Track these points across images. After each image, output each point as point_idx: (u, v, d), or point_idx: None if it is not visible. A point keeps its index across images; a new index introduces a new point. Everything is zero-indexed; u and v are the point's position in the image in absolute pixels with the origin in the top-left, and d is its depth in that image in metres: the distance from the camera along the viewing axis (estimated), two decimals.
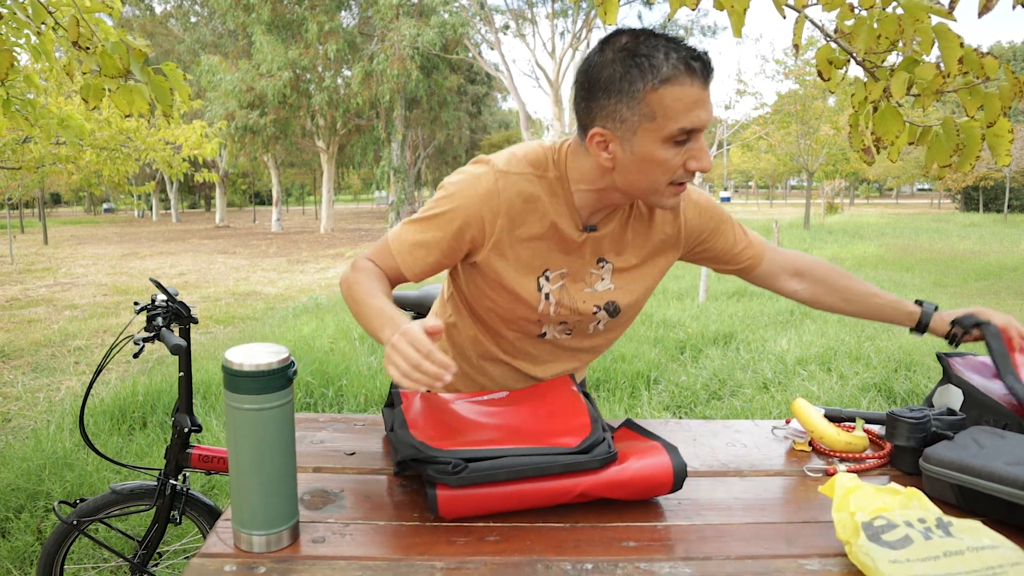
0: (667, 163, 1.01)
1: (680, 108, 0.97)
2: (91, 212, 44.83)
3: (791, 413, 1.22)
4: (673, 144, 1.00)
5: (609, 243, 1.19)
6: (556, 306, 1.19)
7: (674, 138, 0.99)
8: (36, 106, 2.99)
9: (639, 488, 0.92)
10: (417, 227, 1.13)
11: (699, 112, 0.98)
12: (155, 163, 6.36)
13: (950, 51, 1.21)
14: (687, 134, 0.99)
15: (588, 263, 1.19)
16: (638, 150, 1.01)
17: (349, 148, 24.03)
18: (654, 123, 0.98)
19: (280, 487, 0.82)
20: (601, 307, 1.22)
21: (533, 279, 1.17)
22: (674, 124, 0.98)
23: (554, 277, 1.18)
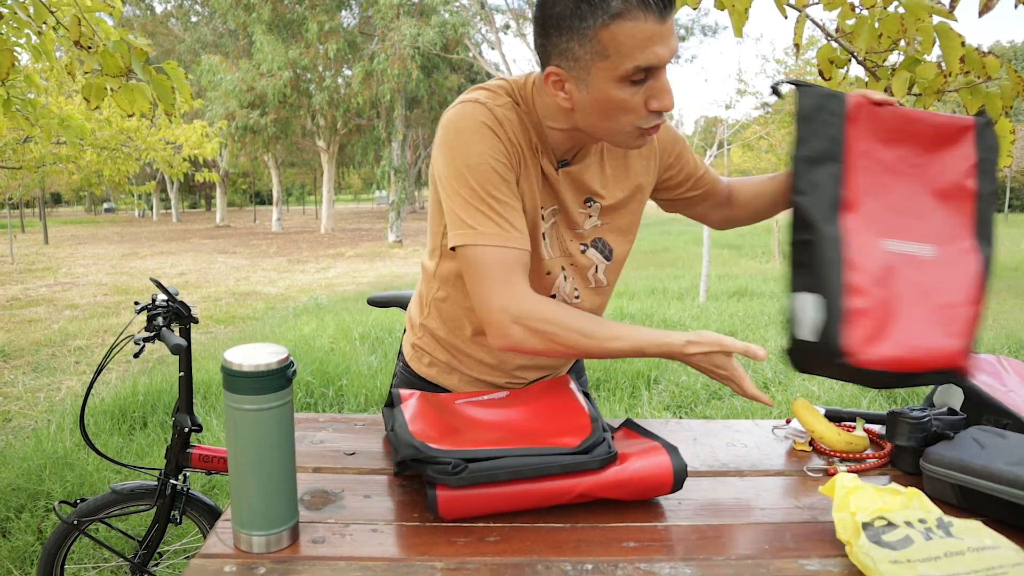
0: (625, 104, 0.94)
1: (633, 45, 0.90)
2: (91, 212, 44.85)
3: (791, 413, 1.22)
4: (630, 83, 0.93)
5: (589, 180, 1.13)
6: (551, 247, 1.14)
7: (629, 77, 0.92)
8: (37, 106, 2.99)
9: (639, 488, 0.92)
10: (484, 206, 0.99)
11: (655, 48, 0.90)
12: (155, 163, 6.37)
13: (951, 50, 1.21)
14: (644, 72, 0.92)
15: (575, 202, 1.13)
16: (594, 90, 0.95)
17: (349, 148, 24.03)
18: (607, 62, 0.92)
19: (280, 487, 0.82)
20: (589, 244, 1.17)
21: (535, 218, 1.10)
22: (628, 62, 0.91)
23: (548, 215, 1.12)
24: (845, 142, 1.01)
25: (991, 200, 1.01)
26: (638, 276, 9.29)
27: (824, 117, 1.02)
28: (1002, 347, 5.09)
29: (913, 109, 1.04)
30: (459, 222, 1.00)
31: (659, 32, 0.90)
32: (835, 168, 1.01)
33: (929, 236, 1.00)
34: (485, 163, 1.00)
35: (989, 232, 1.00)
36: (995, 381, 1.18)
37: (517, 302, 0.98)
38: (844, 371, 0.97)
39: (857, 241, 0.99)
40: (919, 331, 0.96)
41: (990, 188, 1.01)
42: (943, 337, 0.96)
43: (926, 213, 1.00)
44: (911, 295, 0.97)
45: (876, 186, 1.02)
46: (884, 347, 0.95)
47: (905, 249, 0.99)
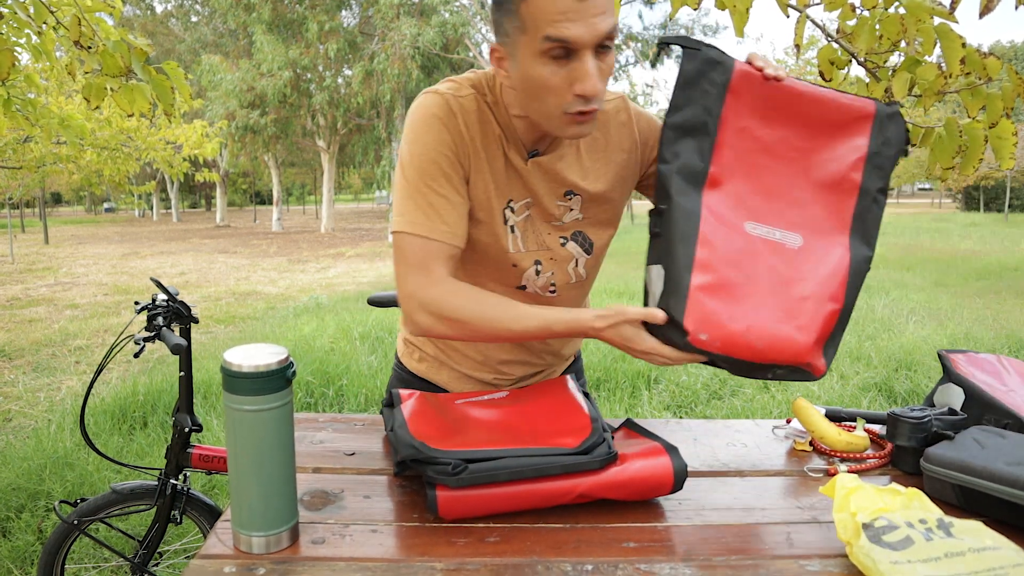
0: (547, 83, 0.93)
1: (545, 17, 0.89)
2: (92, 212, 44.86)
3: (792, 413, 1.22)
4: (550, 60, 0.92)
5: (565, 171, 1.11)
6: (523, 241, 1.13)
7: (547, 52, 0.91)
8: (37, 106, 2.99)
9: (639, 489, 0.91)
10: (418, 196, 1.02)
11: (568, 23, 0.88)
12: (156, 163, 6.37)
13: (952, 51, 1.21)
14: (562, 48, 0.90)
15: (552, 194, 1.12)
16: (520, 67, 0.95)
17: (350, 148, 24.02)
18: (526, 36, 0.92)
19: (279, 488, 0.82)
20: (569, 238, 1.15)
21: (500, 211, 1.10)
22: (540, 34, 0.90)
23: (519, 208, 1.12)
24: (721, 115, 0.95)
25: (877, 198, 0.93)
26: (638, 276, 9.29)
27: (704, 85, 0.96)
28: (1002, 347, 5.09)
29: (811, 87, 0.96)
30: (396, 209, 1.04)
31: (575, 8, 0.88)
32: (705, 141, 0.96)
33: (799, 225, 0.94)
34: (427, 155, 1.03)
35: (868, 232, 0.93)
36: (995, 381, 1.18)
37: (427, 290, 1.01)
38: (689, 350, 0.93)
39: (716, 219, 0.94)
40: (765, 319, 0.91)
41: (878, 185, 0.93)
42: (791, 329, 0.91)
43: (802, 201, 0.94)
44: (766, 282, 0.92)
45: (749, 165, 0.95)
46: (723, 330, 0.91)
47: (770, 235, 0.93)
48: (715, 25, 26.56)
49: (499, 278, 1.16)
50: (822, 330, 0.92)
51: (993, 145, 1.25)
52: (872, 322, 6.05)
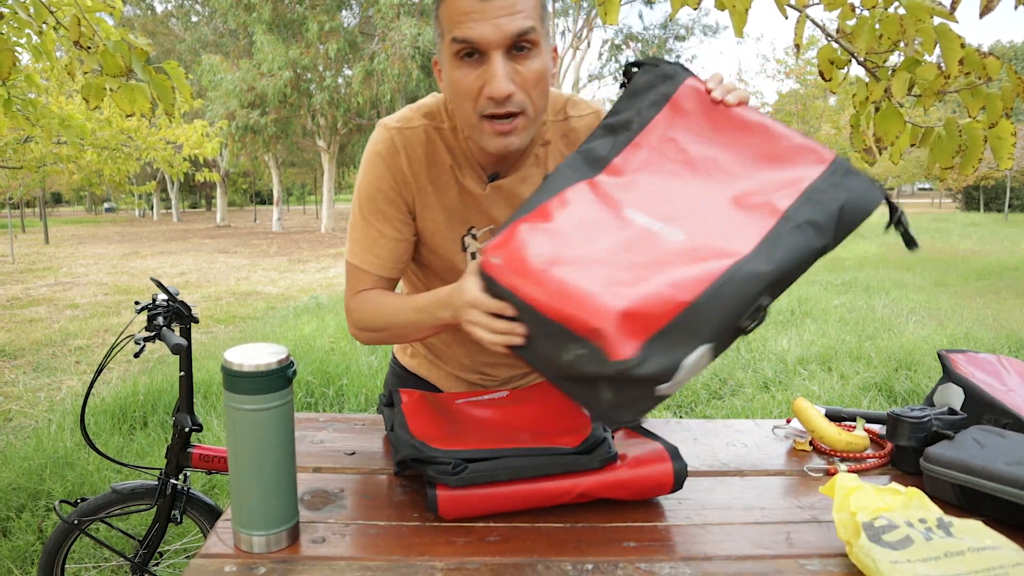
0: (460, 84, 0.94)
1: (452, 18, 0.91)
2: (92, 212, 44.86)
3: (792, 413, 1.22)
4: (461, 61, 0.93)
5: (527, 192, 1.09)
6: None
7: (457, 54, 0.92)
8: (37, 106, 2.99)
9: (639, 488, 0.92)
10: (360, 225, 1.09)
11: (471, 23, 0.89)
12: (156, 162, 6.37)
13: (951, 52, 1.21)
14: (469, 49, 0.91)
15: None
16: (445, 73, 0.97)
17: (350, 147, 24.02)
18: (443, 40, 0.94)
19: (280, 487, 0.82)
20: None
21: (457, 238, 1.12)
22: (448, 35, 0.92)
23: (482, 235, 1.12)
24: (652, 120, 0.91)
25: (803, 227, 0.78)
26: None
27: (648, 95, 0.92)
28: (1002, 347, 5.09)
29: (768, 121, 0.88)
30: (348, 237, 1.14)
31: (478, 8, 0.89)
32: (622, 136, 0.91)
33: (689, 230, 0.81)
34: (367, 191, 1.09)
35: (776, 255, 0.76)
36: (995, 380, 1.18)
37: (348, 305, 1.12)
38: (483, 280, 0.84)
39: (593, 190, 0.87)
40: (576, 274, 0.77)
41: (808, 216, 0.78)
42: (598, 287, 0.74)
43: (707, 214, 0.82)
44: (609, 253, 0.79)
45: (663, 171, 0.88)
46: (520, 261, 0.80)
47: (649, 224, 0.82)
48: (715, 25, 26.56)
49: None
50: (645, 310, 0.72)
51: (992, 145, 1.25)
52: (872, 322, 6.05)
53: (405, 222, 1.11)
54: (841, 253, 12.78)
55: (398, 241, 1.11)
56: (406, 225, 1.11)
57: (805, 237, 0.78)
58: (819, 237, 0.78)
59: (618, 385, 0.73)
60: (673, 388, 0.74)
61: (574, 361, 0.75)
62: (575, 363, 0.75)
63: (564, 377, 0.78)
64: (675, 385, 0.73)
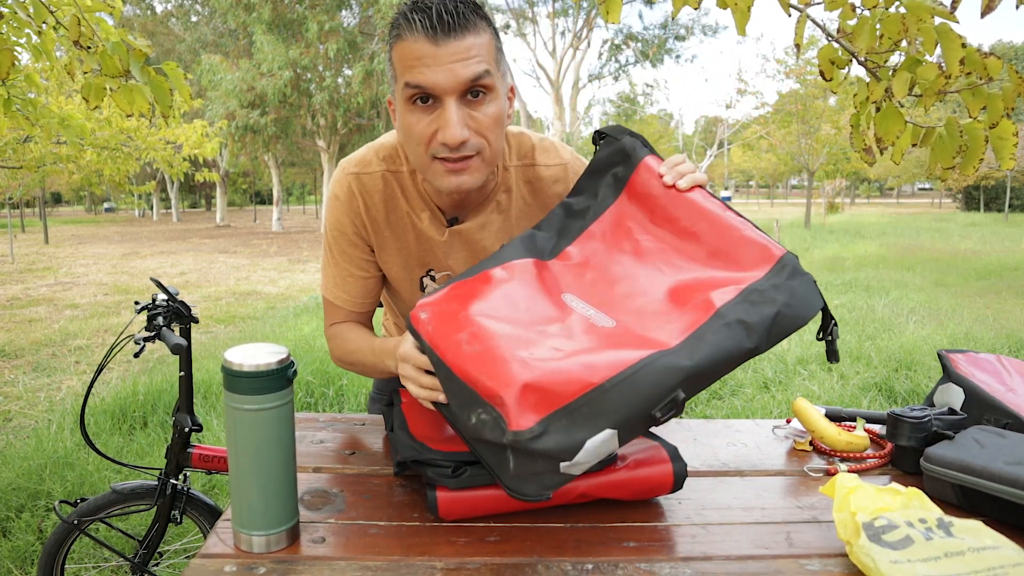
0: (413, 129, 0.93)
1: (404, 63, 0.91)
2: (92, 211, 44.85)
3: (792, 413, 1.22)
4: (415, 106, 0.92)
5: (487, 237, 1.10)
6: None
7: (410, 98, 0.92)
8: (37, 105, 2.99)
9: (639, 489, 0.92)
10: (328, 263, 1.16)
11: (423, 69, 0.89)
12: (156, 162, 6.37)
13: (951, 52, 1.21)
14: (421, 94, 0.91)
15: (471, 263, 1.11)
16: (398, 115, 0.98)
17: (350, 147, 24.01)
18: (397, 83, 0.94)
19: (280, 487, 0.82)
20: None
21: (416, 280, 1.15)
22: (401, 80, 0.92)
23: (440, 277, 1.14)
24: (608, 208, 0.93)
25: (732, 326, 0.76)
26: None
27: (607, 177, 0.95)
28: (1002, 347, 5.09)
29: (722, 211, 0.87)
30: (321, 269, 1.20)
31: (431, 53, 0.89)
32: (576, 224, 0.93)
33: (622, 315, 0.82)
34: (331, 232, 1.13)
35: (699, 352, 0.75)
36: (995, 380, 1.18)
37: (328, 342, 1.19)
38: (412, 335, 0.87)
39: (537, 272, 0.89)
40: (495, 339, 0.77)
41: (741, 317, 0.77)
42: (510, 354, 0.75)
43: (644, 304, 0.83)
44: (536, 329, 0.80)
45: (610, 260, 0.90)
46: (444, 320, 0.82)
47: (583, 310, 0.84)
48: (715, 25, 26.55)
49: None
50: (550, 385, 0.72)
51: (994, 145, 1.25)
52: (872, 322, 6.05)
53: (370, 261, 1.15)
54: (841, 252, 12.78)
55: (365, 279, 1.16)
56: (371, 264, 1.15)
57: (734, 337, 0.76)
58: (749, 338, 0.76)
59: (520, 456, 0.72)
60: (577, 468, 0.72)
61: (478, 425, 0.75)
62: (479, 427, 0.75)
63: (474, 439, 0.77)
64: (577, 465, 0.72)
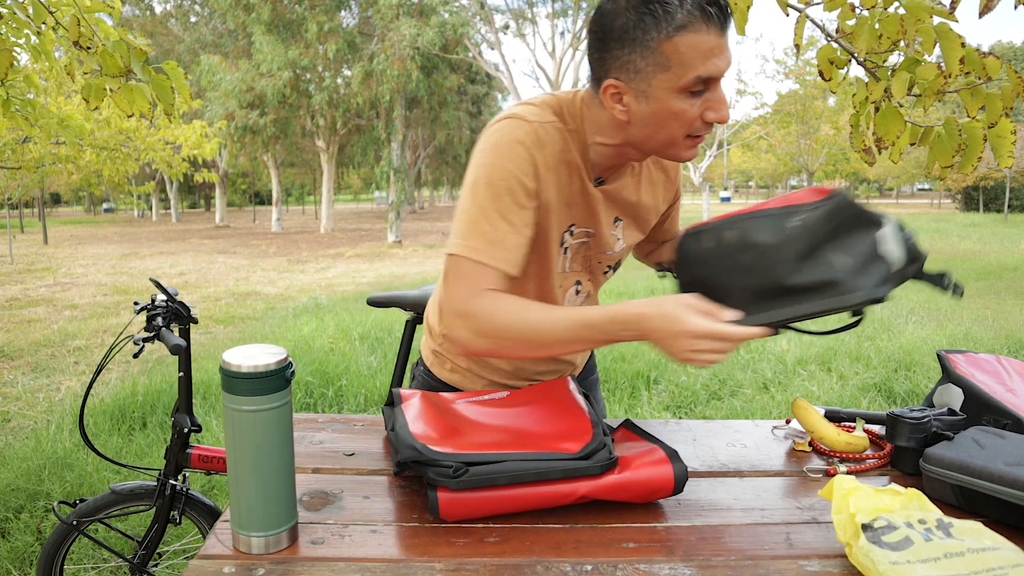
0: (684, 114, 0.96)
1: (696, 56, 0.92)
2: (91, 212, 44.82)
3: (791, 413, 1.22)
4: (689, 95, 0.95)
5: (623, 201, 1.17)
6: (571, 262, 1.16)
7: (690, 88, 0.94)
8: (36, 106, 2.99)
9: (640, 492, 0.91)
10: (486, 218, 1.00)
11: (716, 60, 0.93)
12: (155, 163, 6.37)
13: (951, 51, 1.21)
14: (704, 83, 0.95)
15: (607, 224, 1.16)
16: (653, 102, 0.96)
17: (349, 148, 24.02)
18: (669, 73, 0.93)
19: (279, 488, 0.82)
20: (612, 267, 1.24)
21: (558, 233, 1.12)
22: (691, 73, 0.93)
23: (579, 233, 1.14)
24: None
25: None
26: (638, 276, 9.29)
27: None
28: (1002, 347, 5.09)
29: None
30: (458, 231, 1.02)
31: (719, 44, 0.93)
32: None
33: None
34: (505, 181, 1.01)
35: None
36: (994, 381, 1.17)
37: (475, 316, 0.98)
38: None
39: None
40: None
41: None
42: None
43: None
44: None
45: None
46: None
47: None
48: None
49: (538, 288, 1.17)
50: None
51: (992, 144, 1.25)
52: (872, 322, 6.05)
53: (533, 216, 1.06)
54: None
55: (528, 236, 1.04)
56: (534, 220, 1.06)
57: None
58: None
59: None
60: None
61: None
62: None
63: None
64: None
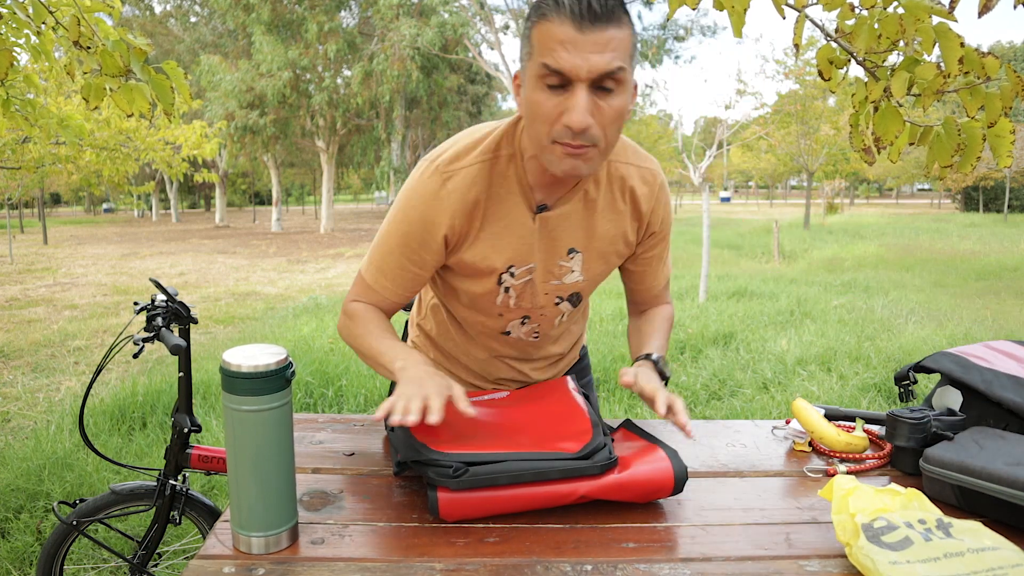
0: (540, 107, 0.94)
1: (545, 43, 0.92)
2: (91, 212, 44.80)
3: (791, 413, 1.22)
4: (546, 87, 0.93)
5: (572, 227, 1.12)
6: (516, 299, 1.16)
7: (543, 77, 0.93)
8: (36, 106, 2.99)
9: (640, 492, 0.91)
10: (384, 250, 1.12)
11: (564, 52, 0.90)
12: (155, 163, 6.37)
13: (950, 51, 1.21)
14: (556, 76, 0.92)
15: (556, 255, 1.13)
16: (526, 91, 0.98)
17: (349, 148, 24.02)
18: (531, 60, 0.95)
19: (279, 488, 0.82)
20: (564, 298, 1.19)
21: (496, 275, 1.13)
22: (539, 59, 0.93)
23: (520, 273, 1.14)
24: None
25: None
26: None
27: None
28: None
29: None
30: (369, 252, 1.16)
31: (573, 38, 0.90)
32: None
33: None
34: (405, 226, 1.09)
35: None
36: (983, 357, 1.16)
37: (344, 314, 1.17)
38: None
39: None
40: None
41: None
42: None
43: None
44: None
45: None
46: None
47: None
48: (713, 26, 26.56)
49: (485, 324, 1.22)
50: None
51: (991, 143, 1.25)
52: (871, 322, 6.05)
53: (436, 260, 1.11)
54: (840, 253, 12.79)
55: (420, 275, 1.13)
56: (435, 262, 1.12)
57: None
58: None
59: None
60: None
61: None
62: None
63: None
64: None
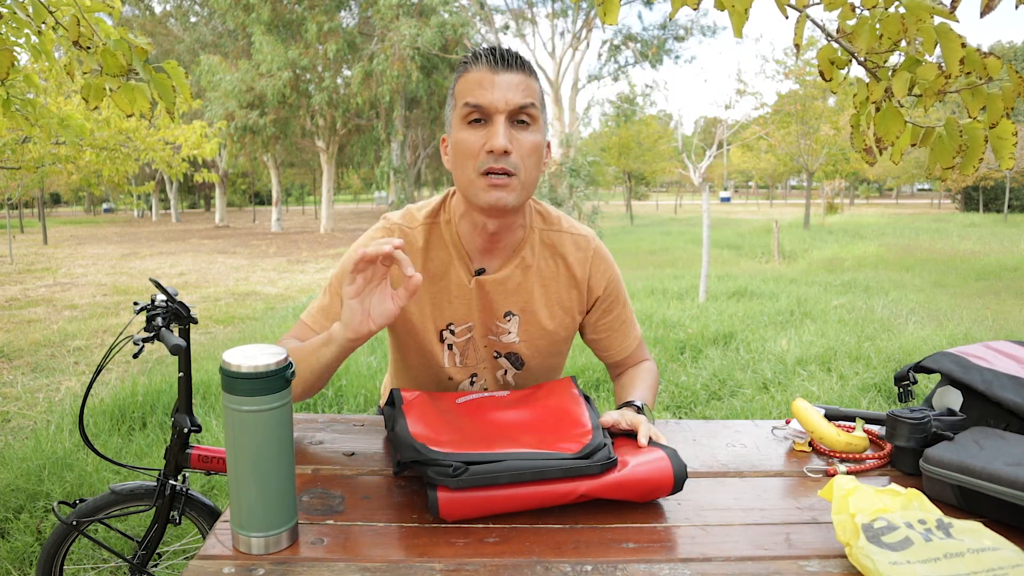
0: (465, 143, 1.06)
1: (467, 88, 1.06)
2: (91, 212, 44.78)
3: (791, 413, 1.22)
4: (468, 124, 1.06)
5: (508, 292, 1.19)
6: (461, 357, 1.23)
7: (466, 116, 1.06)
8: (36, 106, 2.98)
9: (640, 491, 0.91)
10: (326, 295, 1.19)
11: (482, 90, 1.05)
12: (155, 163, 6.36)
13: (951, 52, 1.21)
14: (477, 111, 1.05)
15: (493, 316, 1.21)
16: (452, 136, 1.10)
17: (349, 148, 24.02)
18: (456, 108, 1.09)
19: (279, 489, 0.82)
20: (502, 354, 1.24)
21: (436, 332, 1.21)
22: (461, 101, 1.07)
23: (460, 331, 1.21)
24: None
25: None
26: (638, 276, 9.29)
27: None
28: None
29: None
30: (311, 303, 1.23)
31: (489, 79, 1.05)
32: None
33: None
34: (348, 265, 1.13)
35: None
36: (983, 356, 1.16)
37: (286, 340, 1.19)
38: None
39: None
40: None
41: None
42: None
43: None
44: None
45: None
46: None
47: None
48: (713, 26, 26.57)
49: (428, 378, 1.26)
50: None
51: (993, 145, 1.25)
52: (871, 322, 6.05)
53: None
54: (840, 253, 12.78)
55: (412, 326, 1.20)
56: None
57: None
58: None
59: None
60: None
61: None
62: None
63: None
64: None
